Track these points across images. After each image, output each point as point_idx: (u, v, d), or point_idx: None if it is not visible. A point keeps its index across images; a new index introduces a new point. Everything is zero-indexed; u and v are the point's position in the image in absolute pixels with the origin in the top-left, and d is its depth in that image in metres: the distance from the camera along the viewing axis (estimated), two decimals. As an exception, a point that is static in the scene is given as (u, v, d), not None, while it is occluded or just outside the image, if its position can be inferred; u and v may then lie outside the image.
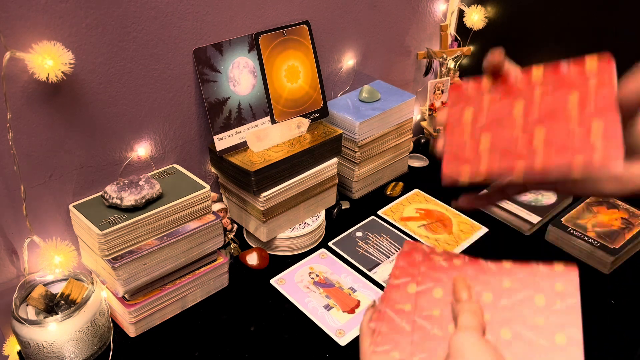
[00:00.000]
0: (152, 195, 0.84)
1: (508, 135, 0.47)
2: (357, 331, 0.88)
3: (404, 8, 1.28)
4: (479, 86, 0.51)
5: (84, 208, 0.84)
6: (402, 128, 1.21)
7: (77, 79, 0.82)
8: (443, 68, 1.37)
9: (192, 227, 0.88)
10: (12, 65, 0.74)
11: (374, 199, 1.21)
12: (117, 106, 0.88)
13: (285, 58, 1.04)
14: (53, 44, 0.73)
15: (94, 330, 0.81)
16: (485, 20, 1.32)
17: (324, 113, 1.11)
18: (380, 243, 1.08)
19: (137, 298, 0.85)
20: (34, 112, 0.79)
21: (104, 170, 0.91)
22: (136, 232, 0.82)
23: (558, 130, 0.45)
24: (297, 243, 1.05)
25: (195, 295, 0.93)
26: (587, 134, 0.43)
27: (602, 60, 0.45)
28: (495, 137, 0.48)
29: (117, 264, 0.79)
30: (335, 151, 1.07)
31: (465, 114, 0.50)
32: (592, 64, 0.45)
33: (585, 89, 0.44)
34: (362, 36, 1.22)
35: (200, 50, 0.93)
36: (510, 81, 0.49)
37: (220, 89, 0.96)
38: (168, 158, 0.99)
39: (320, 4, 1.10)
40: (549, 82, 0.46)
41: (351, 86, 1.25)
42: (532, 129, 0.46)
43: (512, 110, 0.47)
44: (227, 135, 0.98)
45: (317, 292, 0.96)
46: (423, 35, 1.36)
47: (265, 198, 0.97)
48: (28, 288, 0.82)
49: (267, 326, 0.89)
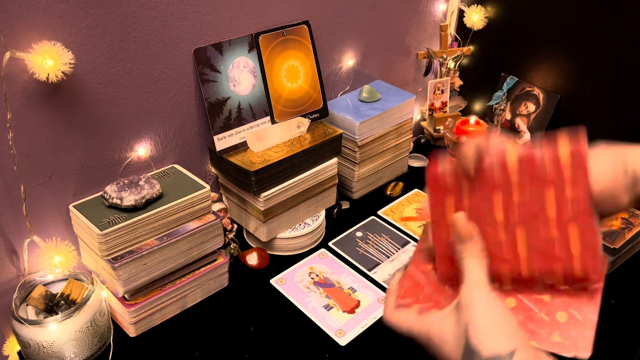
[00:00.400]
0: (152, 195, 0.84)
1: (491, 236, 0.48)
2: (357, 331, 0.88)
3: (404, 8, 1.28)
4: (455, 172, 0.50)
5: (84, 208, 0.84)
6: (402, 128, 1.21)
7: (77, 79, 0.82)
8: (443, 68, 1.37)
9: (192, 227, 0.88)
10: (12, 65, 0.74)
11: (374, 199, 1.21)
12: (117, 106, 0.88)
13: (285, 58, 1.04)
14: (53, 44, 0.73)
15: (94, 330, 0.81)
16: (485, 20, 1.32)
17: (324, 113, 1.11)
18: (380, 243, 1.08)
19: (137, 298, 0.85)
20: (34, 112, 0.79)
21: (104, 170, 0.91)
22: (136, 232, 0.82)
23: (538, 233, 0.46)
24: (297, 243, 1.05)
25: (195, 295, 0.93)
26: (565, 240, 0.45)
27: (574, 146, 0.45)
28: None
29: (117, 264, 0.79)
30: (335, 151, 1.07)
31: (447, 208, 0.51)
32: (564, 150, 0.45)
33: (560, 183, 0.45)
34: (362, 36, 1.22)
35: (200, 50, 0.93)
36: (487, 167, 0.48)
37: (220, 89, 0.96)
38: (168, 158, 0.99)
39: (320, 4, 1.10)
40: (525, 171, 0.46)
41: (351, 86, 1.25)
42: (513, 230, 0.47)
43: (492, 207, 0.48)
44: (227, 135, 0.98)
45: (317, 292, 0.96)
46: (423, 35, 1.36)
47: (265, 198, 0.97)
48: (28, 288, 0.82)
49: (267, 326, 0.89)
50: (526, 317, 0.48)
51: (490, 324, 0.45)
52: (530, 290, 0.50)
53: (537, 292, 0.49)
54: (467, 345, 0.45)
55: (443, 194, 0.51)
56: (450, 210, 0.51)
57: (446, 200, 0.51)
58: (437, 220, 0.52)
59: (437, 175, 0.51)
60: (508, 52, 1.33)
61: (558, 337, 0.47)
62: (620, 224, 1.04)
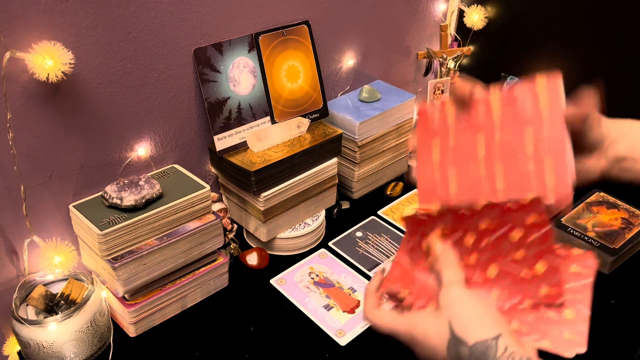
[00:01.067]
0: (152, 195, 0.84)
1: (472, 171, 0.52)
2: (357, 331, 0.88)
3: (404, 8, 1.28)
4: (444, 115, 0.54)
5: (84, 208, 0.84)
6: (402, 128, 1.21)
7: (77, 79, 0.82)
8: (443, 68, 1.37)
9: (192, 227, 0.88)
10: (12, 65, 0.74)
11: (374, 199, 1.21)
12: (117, 106, 0.88)
13: (285, 58, 1.04)
14: (53, 44, 0.73)
15: (94, 330, 0.81)
16: (485, 20, 1.32)
17: (324, 113, 1.11)
18: (380, 243, 1.08)
19: (137, 298, 0.85)
20: (34, 112, 0.79)
21: (104, 170, 0.91)
22: (136, 232, 0.82)
23: (516, 168, 0.49)
24: (297, 243, 1.05)
25: (195, 295, 0.93)
26: (541, 173, 0.48)
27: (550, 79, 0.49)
28: (461, 173, 0.53)
29: (117, 264, 0.79)
30: (335, 151, 1.07)
31: (433, 148, 0.55)
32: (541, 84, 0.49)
33: (539, 122, 0.49)
34: (362, 36, 1.22)
35: (200, 50, 0.93)
36: (473, 110, 0.52)
37: (220, 89, 0.96)
38: (168, 158, 0.99)
39: (320, 4, 1.10)
40: (507, 113, 0.51)
41: (351, 86, 1.25)
42: (493, 166, 0.51)
43: (475, 146, 0.52)
44: (227, 135, 0.98)
45: (317, 292, 0.96)
46: (423, 35, 1.36)
47: (265, 198, 0.97)
48: (28, 288, 0.82)
49: (267, 326, 0.89)
50: (537, 317, 0.50)
51: (472, 314, 0.48)
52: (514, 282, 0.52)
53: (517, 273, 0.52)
54: (453, 337, 0.48)
55: (431, 134, 0.55)
56: (435, 150, 0.55)
57: (433, 141, 0.55)
58: (422, 164, 0.56)
59: (426, 115, 0.55)
60: (508, 52, 1.33)
61: (569, 334, 0.49)
62: (620, 224, 1.04)
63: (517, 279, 0.51)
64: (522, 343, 0.47)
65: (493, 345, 0.45)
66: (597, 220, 1.05)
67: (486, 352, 0.45)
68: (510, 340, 0.46)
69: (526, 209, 0.48)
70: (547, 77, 0.49)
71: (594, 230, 1.03)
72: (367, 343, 0.86)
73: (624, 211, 1.08)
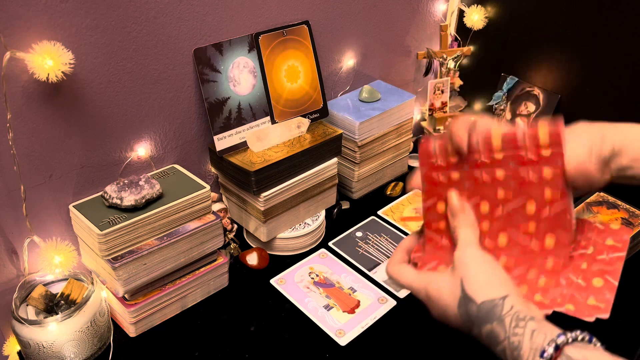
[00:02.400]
0: (152, 195, 0.84)
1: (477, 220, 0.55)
2: (357, 331, 0.88)
3: (404, 8, 1.28)
4: (447, 170, 0.56)
5: (84, 208, 0.84)
6: (402, 128, 1.21)
7: (77, 79, 0.82)
8: (443, 68, 1.37)
9: (192, 227, 0.88)
10: (12, 65, 0.74)
11: (374, 199, 1.21)
12: (117, 106, 0.88)
13: (285, 58, 1.04)
14: (53, 44, 0.73)
15: (94, 330, 0.81)
16: (485, 20, 1.32)
17: (324, 113, 1.11)
18: (380, 243, 1.08)
19: (137, 298, 0.85)
20: (34, 112, 0.79)
21: (104, 170, 0.91)
22: (136, 232, 0.82)
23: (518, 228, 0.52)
24: (297, 243, 1.05)
25: (195, 295, 0.93)
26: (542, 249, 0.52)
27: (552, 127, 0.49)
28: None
29: (117, 264, 0.79)
30: (335, 151, 1.07)
31: (438, 207, 0.57)
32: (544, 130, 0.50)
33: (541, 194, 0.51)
34: (362, 36, 1.22)
35: (200, 50, 0.93)
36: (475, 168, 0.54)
37: (220, 89, 0.96)
38: (168, 158, 0.99)
39: (320, 4, 1.10)
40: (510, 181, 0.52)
41: (351, 86, 1.25)
42: (497, 236, 0.54)
43: (479, 211, 0.54)
44: (227, 135, 0.98)
45: (317, 292, 0.96)
46: (423, 35, 1.36)
47: (265, 198, 0.97)
48: (28, 288, 0.82)
49: (267, 326, 0.89)
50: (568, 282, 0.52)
51: (482, 275, 0.50)
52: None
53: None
54: (463, 295, 0.50)
55: (433, 170, 0.56)
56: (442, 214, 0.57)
57: (438, 205, 0.57)
58: (430, 225, 0.58)
59: (428, 152, 0.56)
60: (508, 52, 1.33)
61: (593, 300, 0.51)
62: (620, 224, 1.04)
63: (526, 249, 0.53)
64: (528, 304, 0.49)
65: (500, 304, 0.48)
66: (597, 220, 1.05)
67: (492, 310, 0.48)
68: (517, 301, 0.48)
69: (543, 182, 0.50)
70: (549, 131, 0.49)
71: (594, 230, 1.02)
72: (367, 343, 0.86)
73: (624, 211, 1.08)
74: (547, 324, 0.46)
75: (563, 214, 0.50)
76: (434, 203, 0.57)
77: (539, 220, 0.51)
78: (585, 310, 0.50)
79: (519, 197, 0.52)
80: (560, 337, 0.43)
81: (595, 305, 0.50)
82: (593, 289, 0.51)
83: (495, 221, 0.54)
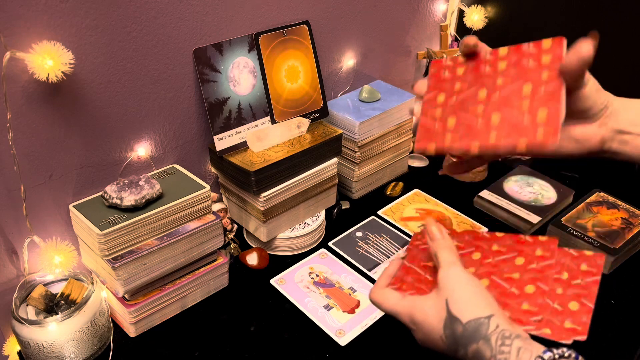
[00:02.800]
0: (152, 195, 0.84)
1: (470, 119, 0.55)
2: (357, 331, 0.88)
3: (404, 8, 1.28)
4: (454, 68, 0.58)
5: (84, 208, 0.84)
6: (402, 128, 1.21)
7: (77, 79, 0.82)
8: (443, 68, 1.37)
9: (192, 227, 0.88)
10: (12, 65, 0.74)
11: (374, 199, 1.21)
12: (117, 106, 0.88)
13: (285, 58, 1.04)
14: (53, 44, 0.73)
15: (94, 330, 0.81)
16: (485, 20, 1.32)
17: (324, 113, 1.11)
18: (380, 243, 1.08)
19: (137, 298, 0.85)
20: (34, 112, 0.79)
21: (104, 170, 0.91)
22: (136, 232, 0.82)
23: (511, 116, 0.52)
24: (297, 243, 1.05)
25: (195, 295, 0.93)
26: (533, 120, 0.50)
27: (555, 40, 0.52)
28: (459, 120, 0.55)
29: (117, 264, 0.79)
30: (335, 151, 1.07)
31: (438, 98, 0.58)
32: (547, 44, 0.53)
33: (538, 78, 0.52)
34: (362, 36, 1.22)
35: (200, 50, 0.93)
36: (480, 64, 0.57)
37: (220, 89, 0.96)
38: (168, 158, 0.99)
39: (320, 4, 1.10)
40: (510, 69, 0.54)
41: (351, 86, 1.25)
42: (490, 114, 0.53)
43: (477, 98, 0.55)
44: (227, 135, 0.98)
45: (317, 292, 0.96)
46: (423, 35, 1.36)
47: (265, 198, 0.97)
48: (28, 288, 0.82)
49: (267, 326, 0.89)
50: (544, 306, 0.53)
51: (467, 295, 0.51)
52: (501, 271, 0.57)
53: (507, 271, 0.57)
54: (449, 315, 0.50)
55: (439, 85, 0.59)
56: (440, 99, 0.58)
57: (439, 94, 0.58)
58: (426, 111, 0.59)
59: (440, 66, 0.59)
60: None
61: (570, 324, 0.52)
62: (620, 224, 1.04)
63: (505, 292, 0.54)
64: (513, 324, 0.49)
65: (485, 322, 0.48)
66: (597, 220, 1.05)
67: (478, 329, 0.48)
68: (502, 320, 0.48)
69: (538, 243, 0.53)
70: (552, 39, 0.52)
71: (594, 230, 1.03)
72: (367, 343, 0.86)
73: (624, 211, 1.08)
74: (533, 342, 0.47)
75: (557, 91, 0.50)
76: (434, 95, 0.58)
77: (533, 98, 0.51)
78: (563, 333, 0.51)
79: (517, 81, 0.53)
80: (546, 354, 0.44)
81: (572, 327, 0.51)
82: (569, 312, 0.52)
83: (483, 266, 0.56)
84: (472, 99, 0.55)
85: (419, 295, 0.56)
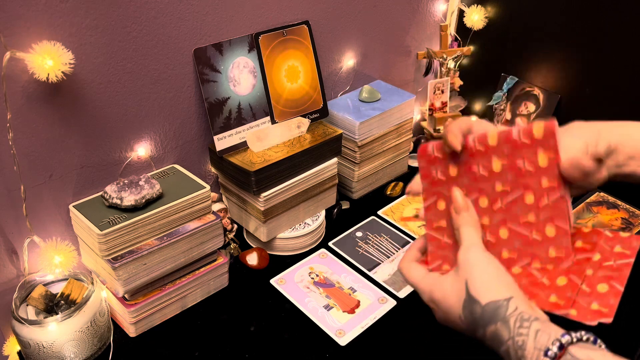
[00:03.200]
0: (152, 195, 0.84)
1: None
2: (357, 331, 0.88)
3: (404, 8, 1.28)
4: (445, 163, 0.56)
5: (84, 208, 0.84)
6: (402, 128, 1.21)
7: (77, 79, 0.82)
8: (443, 68, 1.37)
9: (192, 227, 0.88)
10: (12, 65, 0.74)
11: (374, 199, 1.21)
12: (117, 106, 0.88)
13: (285, 58, 1.04)
14: (53, 44, 0.73)
15: (94, 330, 0.81)
16: (485, 20, 1.32)
17: (324, 113, 1.11)
18: (380, 243, 1.08)
19: (137, 298, 0.85)
20: (34, 112, 0.79)
21: (104, 170, 0.91)
22: (136, 232, 0.82)
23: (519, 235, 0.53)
24: (297, 243, 1.05)
25: (195, 295, 0.93)
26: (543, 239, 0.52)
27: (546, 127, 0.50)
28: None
29: (117, 264, 0.79)
30: (335, 151, 1.07)
31: (439, 205, 0.58)
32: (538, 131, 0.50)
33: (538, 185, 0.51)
34: (362, 36, 1.22)
35: (200, 50, 0.93)
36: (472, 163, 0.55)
37: (220, 89, 0.96)
38: (168, 158, 0.99)
39: (320, 4, 1.10)
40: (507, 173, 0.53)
41: (351, 86, 1.25)
42: (497, 230, 0.54)
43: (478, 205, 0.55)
44: (227, 135, 0.98)
45: (317, 292, 0.96)
46: (423, 35, 1.36)
47: (265, 198, 0.97)
48: (28, 288, 0.82)
49: (267, 326, 0.89)
50: (573, 285, 0.53)
51: (487, 277, 0.50)
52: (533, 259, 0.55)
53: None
54: (468, 296, 0.50)
55: (435, 187, 0.57)
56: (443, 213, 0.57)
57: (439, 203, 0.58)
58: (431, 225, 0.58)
59: (426, 150, 0.57)
60: (508, 52, 1.32)
61: (597, 305, 0.51)
62: (620, 224, 1.04)
63: (527, 240, 0.53)
64: (532, 306, 0.49)
65: (504, 305, 0.48)
66: (597, 220, 1.05)
67: (497, 311, 0.48)
68: (521, 302, 0.48)
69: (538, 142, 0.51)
70: (543, 125, 0.50)
71: (594, 230, 1.02)
72: (367, 343, 0.86)
73: (624, 211, 1.08)
74: (552, 324, 0.46)
75: (561, 201, 0.50)
76: (434, 202, 0.58)
77: (538, 210, 0.52)
78: (588, 314, 0.50)
79: (517, 189, 0.52)
80: (564, 337, 0.43)
81: (598, 309, 0.50)
82: (597, 294, 0.51)
83: (495, 215, 0.54)
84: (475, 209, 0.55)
85: (441, 270, 0.56)
